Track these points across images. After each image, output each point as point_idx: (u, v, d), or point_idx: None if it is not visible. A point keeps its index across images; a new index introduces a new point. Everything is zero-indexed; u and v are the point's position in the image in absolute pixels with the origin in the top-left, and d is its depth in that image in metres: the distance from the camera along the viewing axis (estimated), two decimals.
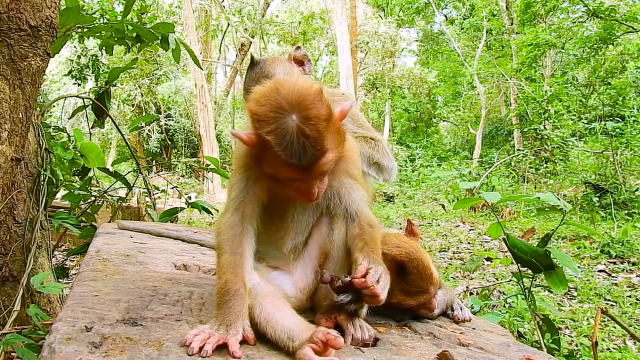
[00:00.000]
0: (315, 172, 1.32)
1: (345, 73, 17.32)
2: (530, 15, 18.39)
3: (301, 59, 2.42)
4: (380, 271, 1.36)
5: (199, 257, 2.46)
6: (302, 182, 1.35)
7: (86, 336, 1.19)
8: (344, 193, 1.52)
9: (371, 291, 1.32)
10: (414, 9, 26.12)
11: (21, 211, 2.91)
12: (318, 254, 1.57)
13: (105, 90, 4.15)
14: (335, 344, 1.19)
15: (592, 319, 4.22)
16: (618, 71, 18.17)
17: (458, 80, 24.87)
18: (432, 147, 24.74)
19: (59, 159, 3.37)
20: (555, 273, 2.60)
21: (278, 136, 1.26)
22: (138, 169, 4.50)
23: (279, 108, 1.28)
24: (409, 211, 12.33)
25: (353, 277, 1.34)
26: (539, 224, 8.48)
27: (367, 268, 1.35)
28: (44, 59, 2.50)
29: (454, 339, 1.64)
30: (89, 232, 3.65)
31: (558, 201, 2.68)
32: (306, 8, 25.85)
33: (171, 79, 24.34)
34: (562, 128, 13.14)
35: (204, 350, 1.19)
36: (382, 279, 1.36)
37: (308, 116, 1.27)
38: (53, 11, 2.48)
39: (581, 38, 15.99)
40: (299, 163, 1.27)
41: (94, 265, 1.96)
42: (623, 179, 9.48)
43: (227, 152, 25.13)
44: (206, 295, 1.67)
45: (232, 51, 27.05)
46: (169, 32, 3.88)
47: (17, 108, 2.43)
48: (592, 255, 6.26)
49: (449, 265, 6.43)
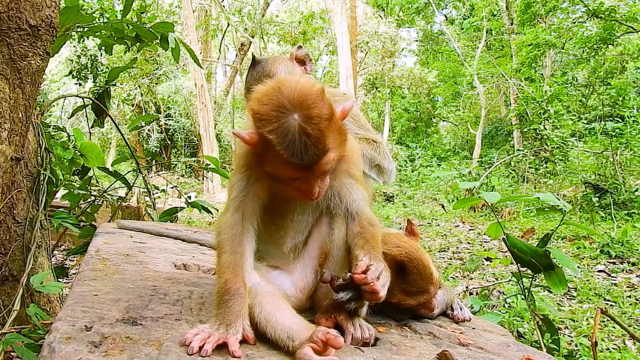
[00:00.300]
0: (317, 171, 1.32)
1: (345, 73, 17.33)
2: (530, 15, 18.39)
3: (303, 59, 2.42)
4: (380, 268, 1.36)
5: (199, 257, 2.46)
6: (304, 181, 1.35)
7: (86, 335, 1.19)
8: (344, 193, 1.52)
9: (371, 287, 1.32)
10: (414, 9, 26.13)
11: (21, 211, 2.91)
12: (318, 253, 1.57)
13: (105, 89, 4.16)
14: (335, 344, 1.19)
15: (591, 319, 4.22)
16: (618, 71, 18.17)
17: (458, 80, 24.86)
18: (431, 147, 24.74)
19: (58, 159, 3.37)
20: (555, 273, 2.60)
21: (280, 135, 1.26)
22: (138, 168, 4.50)
23: (281, 107, 1.28)
24: (408, 211, 12.33)
25: (353, 273, 1.34)
26: (539, 224, 8.49)
27: (368, 264, 1.35)
28: (43, 58, 2.50)
29: (453, 339, 1.64)
30: (89, 232, 3.65)
31: (558, 201, 2.68)
32: (306, 8, 25.84)
33: (171, 78, 24.34)
34: (562, 128, 13.13)
35: (204, 350, 1.19)
36: (383, 275, 1.36)
37: (310, 115, 1.27)
38: (53, 11, 2.48)
39: (581, 38, 15.99)
40: (300, 162, 1.27)
41: (94, 265, 1.96)
42: (623, 179, 9.48)
43: (226, 151, 25.13)
44: (206, 294, 1.67)
45: (232, 51, 27.06)
46: (169, 31, 3.87)
47: (17, 107, 2.43)
48: (592, 256, 6.26)
49: (449, 265, 6.43)
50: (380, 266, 1.37)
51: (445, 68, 26.31)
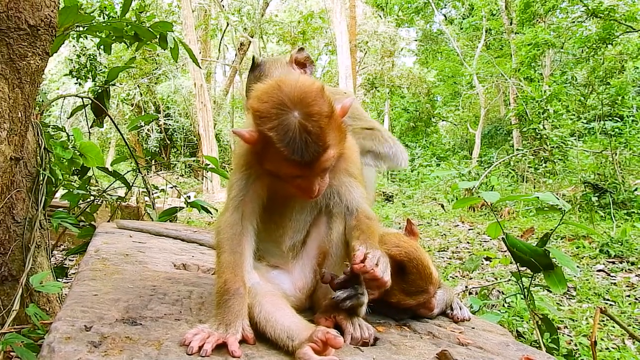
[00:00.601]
0: (317, 168, 1.33)
1: (344, 72, 17.34)
2: (529, 15, 18.41)
3: (303, 61, 2.39)
4: (377, 255, 1.36)
5: (198, 257, 2.46)
6: (304, 179, 1.35)
7: (85, 335, 1.19)
8: (343, 192, 1.52)
9: (371, 275, 1.32)
10: (413, 9, 26.13)
11: (20, 210, 2.91)
12: (317, 253, 1.57)
13: (104, 89, 4.15)
14: (335, 344, 1.19)
15: (591, 318, 4.22)
16: (617, 71, 18.17)
17: (457, 79, 24.89)
18: (431, 147, 24.75)
19: (58, 159, 3.37)
20: (555, 272, 2.60)
21: (280, 132, 1.27)
22: (137, 168, 4.50)
23: (281, 105, 1.28)
24: (408, 211, 12.33)
25: (352, 264, 1.33)
26: (538, 223, 8.49)
27: (365, 253, 1.34)
28: (43, 58, 2.50)
29: (453, 339, 1.65)
30: (88, 232, 3.64)
31: (557, 201, 2.68)
32: (305, 7, 25.84)
33: (170, 78, 24.32)
34: (561, 128, 13.14)
35: (204, 350, 1.18)
36: (381, 262, 1.35)
37: (310, 113, 1.28)
38: (52, 10, 2.47)
39: (580, 38, 16.01)
40: (301, 159, 1.27)
41: (93, 265, 1.96)
42: (622, 178, 9.49)
43: (226, 151, 25.14)
44: (205, 294, 1.67)
45: (232, 50, 27.03)
46: (168, 31, 3.87)
47: (16, 107, 2.42)
48: (591, 255, 6.26)
49: (448, 264, 6.43)
50: (377, 253, 1.36)
51: (445, 68, 26.32)
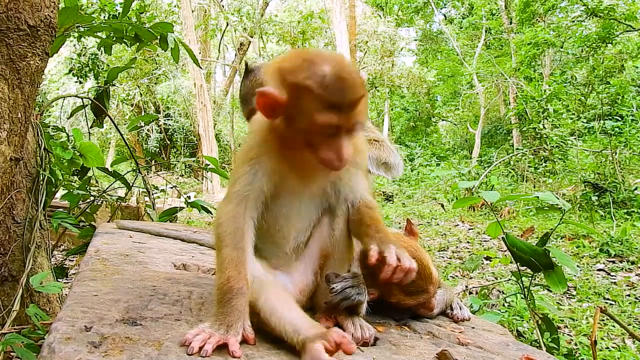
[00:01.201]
0: (353, 117, 1.28)
1: None
2: (529, 14, 18.40)
3: None
4: (392, 249, 1.34)
5: (199, 257, 2.46)
6: (336, 138, 1.29)
7: (85, 336, 1.19)
8: (351, 183, 1.52)
9: (401, 269, 1.31)
10: (413, 8, 26.12)
11: (20, 211, 2.91)
12: (319, 255, 1.56)
13: (104, 89, 4.15)
14: (348, 349, 1.18)
15: (591, 317, 4.22)
16: (617, 70, 18.16)
17: (457, 79, 24.89)
18: (431, 147, 24.76)
19: (58, 159, 3.37)
20: (555, 272, 2.60)
21: (317, 78, 1.24)
22: (137, 168, 4.50)
23: (311, 61, 1.28)
24: (408, 210, 12.33)
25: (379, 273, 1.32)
26: (538, 223, 8.49)
27: (379, 252, 1.33)
28: (42, 58, 2.50)
29: (453, 338, 1.65)
30: (88, 232, 3.64)
31: (557, 200, 2.68)
32: (305, 7, 25.81)
33: (170, 78, 24.31)
34: (561, 127, 13.14)
35: (204, 350, 1.18)
36: (400, 254, 1.34)
37: (343, 64, 1.29)
38: (52, 11, 2.47)
39: (580, 37, 16.01)
40: (341, 101, 1.24)
41: (93, 265, 1.96)
42: (622, 178, 9.49)
43: (226, 151, 25.15)
44: (206, 294, 1.67)
45: (231, 51, 27.00)
46: (168, 31, 3.87)
47: (16, 108, 2.43)
48: (591, 254, 6.27)
49: (448, 264, 6.43)
50: (391, 248, 1.34)
51: (445, 67, 26.33)
